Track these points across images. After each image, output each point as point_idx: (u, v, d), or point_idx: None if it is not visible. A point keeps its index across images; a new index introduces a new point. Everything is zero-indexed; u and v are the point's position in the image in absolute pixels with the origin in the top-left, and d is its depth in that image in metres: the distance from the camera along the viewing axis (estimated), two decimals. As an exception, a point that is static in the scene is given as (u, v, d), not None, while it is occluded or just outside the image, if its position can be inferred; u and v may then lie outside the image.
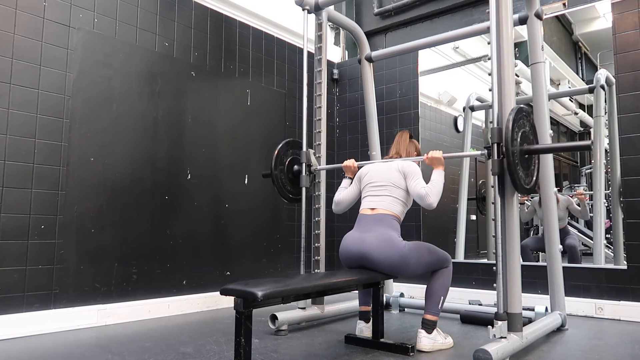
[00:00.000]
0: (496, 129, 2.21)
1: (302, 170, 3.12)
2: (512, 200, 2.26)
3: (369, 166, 2.71)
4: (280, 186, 3.12)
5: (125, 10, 3.21)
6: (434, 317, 2.39)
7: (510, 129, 2.13)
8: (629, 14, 3.29)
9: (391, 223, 2.44)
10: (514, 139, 2.14)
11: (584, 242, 4.03)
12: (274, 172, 3.08)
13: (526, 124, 2.26)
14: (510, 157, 2.11)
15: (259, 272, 3.92)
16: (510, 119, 2.14)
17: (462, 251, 4.24)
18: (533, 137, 2.30)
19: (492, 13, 2.36)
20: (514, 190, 2.24)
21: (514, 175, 2.13)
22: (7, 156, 2.63)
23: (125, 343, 2.50)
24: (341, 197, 2.75)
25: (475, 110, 4.48)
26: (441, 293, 2.42)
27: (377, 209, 2.50)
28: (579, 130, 4.22)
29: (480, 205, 4.46)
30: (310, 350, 2.41)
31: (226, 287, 1.89)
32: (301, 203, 3.13)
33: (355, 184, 2.73)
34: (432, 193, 2.39)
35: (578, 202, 3.90)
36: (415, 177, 2.47)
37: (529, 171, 2.27)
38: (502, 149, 2.18)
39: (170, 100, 3.41)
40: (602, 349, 2.43)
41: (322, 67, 3.31)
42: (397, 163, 2.57)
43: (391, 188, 2.51)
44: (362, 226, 2.49)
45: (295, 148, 3.23)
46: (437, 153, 2.51)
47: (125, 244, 3.09)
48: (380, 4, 4.75)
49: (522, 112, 2.23)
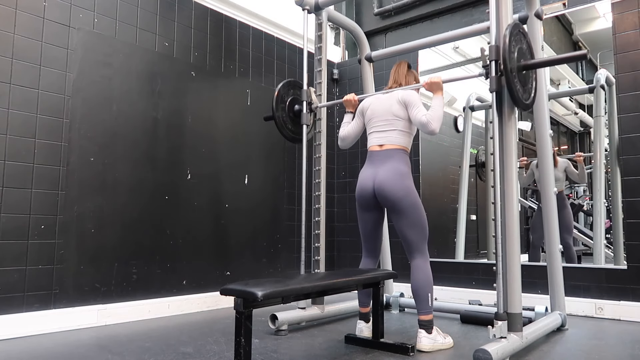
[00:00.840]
0: (494, 46, 2.24)
1: (303, 107, 3.13)
2: (510, 117, 2.29)
3: (370, 99, 2.74)
4: (281, 124, 3.13)
5: (125, 10, 3.21)
6: (427, 316, 2.39)
7: (508, 44, 2.14)
8: (629, 14, 3.29)
9: (401, 157, 2.53)
10: (511, 52, 2.16)
11: (583, 242, 4.04)
12: (275, 113, 3.09)
13: (523, 41, 2.28)
14: (508, 73, 2.13)
15: (259, 272, 3.92)
16: (507, 34, 2.16)
17: (462, 251, 4.24)
18: (530, 55, 2.32)
19: (492, 13, 2.37)
20: (512, 105, 2.27)
21: (512, 90, 2.15)
22: (7, 156, 2.63)
23: (125, 343, 2.50)
24: (346, 133, 2.79)
25: (475, 110, 4.48)
26: (427, 290, 2.42)
27: (385, 145, 2.56)
28: (579, 130, 4.22)
29: (479, 171, 4.47)
30: (310, 350, 2.41)
31: (226, 287, 1.89)
32: (301, 202, 3.13)
33: (358, 118, 2.76)
34: (433, 119, 2.42)
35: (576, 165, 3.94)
36: (416, 105, 2.51)
37: (527, 87, 2.30)
38: (500, 67, 2.19)
39: (170, 100, 3.41)
40: (602, 349, 2.43)
41: (322, 67, 3.31)
42: (398, 93, 2.60)
43: (395, 121, 2.56)
44: (373, 162, 2.57)
45: (296, 88, 3.24)
46: (436, 78, 2.54)
47: (125, 244, 3.09)
48: (380, 4, 4.75)
49: (519, 28, 2.26)
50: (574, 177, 4.00)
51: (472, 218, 4.41)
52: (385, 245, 3.67)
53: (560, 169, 4.00)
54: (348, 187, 4.73)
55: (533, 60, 2.31)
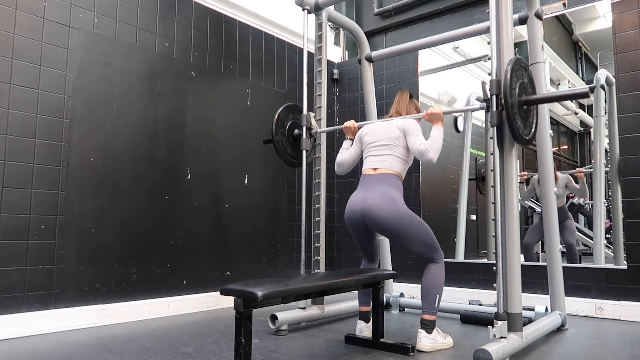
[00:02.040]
0: (495, 80, 2.22)
1: (303, 133, 3.13)
2: (511, 152, 2.27)
3: (369, 126, 2.73)
4: (281, 150, 3.12)
5: (125, 10, 3.21)
6: (431, 316, 2.39)
7: (509, 80, 2.13)
8: (629, 14, 3.29)
9: (394, 182, 2.48)
10: (512, 88, 2.15)
11: (584, 242, 4.03)
12: (274, 137, 3.08)
13: (524, 76, 2.27)
14: (509, 108, 2.11)
15: (259, 272, 3.92)
16: (509, 70, 2.14)
17: (462, 251, 4.24)
18: (531, 90, 2.31)
19: (492, 13, 2.36)
20: (513, 141, 2.25)
21: (513, 125, 2.13)
22: (7, 156, 2.63)
23: (125, 343, 2.50)
24: (343, 159, 2.77)
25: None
26: (436, 291, 2.42)
27: (379, 169, 2.53)
28: (579, 130, 4.22)
29: (480, 184, 4.46)
30: (310, 350, 2.41)
31: (226, 287, 1.89)
32: (301, 207, 3.13)
33: (356, 144, 2.75)
34: (432, 149, 2.40)
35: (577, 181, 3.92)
36: (415, 133, 2.49)
37: (528, 122, 2.28)
38: (500, 101, 2.18)
39: (170, 100, 3.41)
40: (602, 349, 2.43)
41: (322, 67, 3.31)
42: (397, 121, 2.59)
43: (392, 147, 2.54)
44: (365, 185, 2.52)
45: (296, 112, 3.24)
46: (436, 109, 2.52)
47: (125, 244, 3.09)
48: (380, 4, 4.75)
49: (521, 63, 2.24)
50: (575, 192, 3.96)
51: (472, 218, 4.41)
52: (385, 245, 3.67)
53: (561, 185, 3.94)
54: (348, 187, 4.73)
55: (534, 96, 2.28)
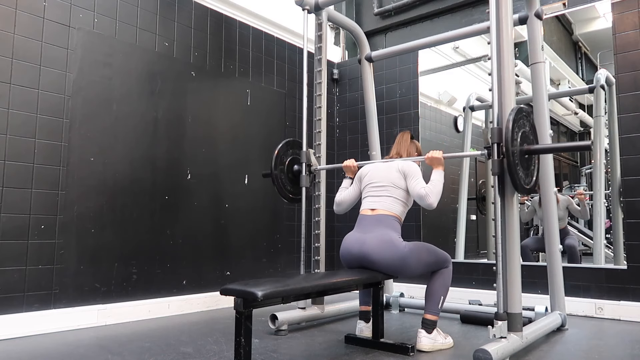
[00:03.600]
0: (496, 129, 2.21)
1: (302, 170, 3.12)
2: (512, 201, 2.26)
3: (369, 166, 2.71)
4: (280, 186, 3.12)
5: (125, 10, 3.21)
6: (434, 316, 2.39)
7: (511, 129, 2.13)
8: (629, 14, 3.29)
9: (391, 224, 2.45)
10: (514, 139, 2.14)
11: (584, 242, 4.03)
12: (274, 172, 3.09)
13: (526, 124, 2.26)
14: (510, 157, 2.11)
15: (259, 272, 3.92)
16: (511, 119, 2.14)
17: (462, 251, 4.23)
18: (533, 137, 2.30)
19: (492, 13, 2.36)
20: (514, 190, 2.24)
21: (514, 175, 2.13)
22: (7, 156, 2.63)
23: (125, 343, 2.50)
24: (342, 198, 2.75)
25: (475, 110, 4.47)
26: (441, 293, 2.42)
27: (377, 210, 2.49)
28: (579, 130, 4.22)
29: (480, 205, 4.46)
30: (310, 350, 2.41)
31: (226, 287, 1.89)
32: (301, 203, 3.13)
33: (355, 184, 2.73)
34: (432, 193, 2.39)
35: (578, 202, 3.91)
36: (415, 177, 2.47)
37: (529, 171, 2.27)
38: (502, 149, 2.18)
39: (170, 100, 3.41)
40: (602, 349, 2.43)
41: (322, 67, 3.31)
42: (397, 163, 2.57)
43: (391, 188, 2.51)
44: (362, 227, 2.49)
45: (295, 148, 3.24)
46: (437, 153, 2.50)
47: (125, 244, 3.09)
48: (380, 4, 4.75)
49: (522, 112, 2.23)
50: (576, 214, 3.94)
51: (472, 218, 4.41)
52: (385, 245, 3.67)
53: (562, 207, 3.92)
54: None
55: (536, 146, 2.27)
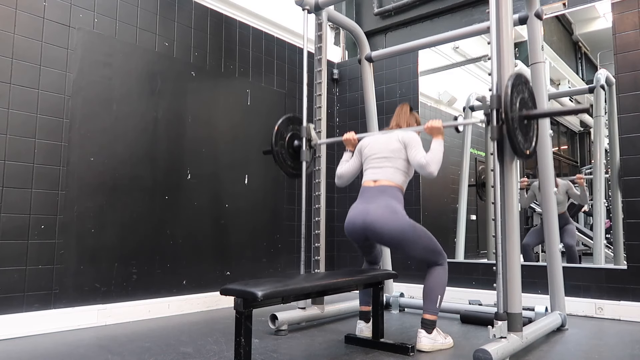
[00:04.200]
0: (495, 95, 2.23)
1: (303, 144, 3.13)
2: (511, 167, 2.27)
3: (369, 138, 2.73)
4: (280, 161, 3.13)
5: (125, 10, 3.21)
6: (432, 316, 2.40)
7: (510, 95, 2.14)
8: (629, 14, 3.29)
9: (394, 194, 2.47)
10: (512, 104, 2.15)
11: (584, 242, 4.03)
12: (274, 148, 3.09)
13: (525, 91, 2.27)
14: (509, 123, 2.12)
15: (259, 272, 3.92)
16: (509, 85, 2.15)
17: (462, 251, 4.24)
18: (532, 104, 2.32)
19: (492, 13, 2.37)
20: (513, 155, 2.26)
21: (513, 140, 2.14)
22: (7, 156, 2.63)
23: (125, 343, 2.50)
24: (343, 171, 2.77)
25: (475, 110, 4.47)
26: (438, 292, 2.42)
27: (379, 181, 2.52)
28: (579, 130, 4.22)
29: (480, 191, 4.46)
30: (310, 350, 2.41)
31: (226, 287, 1.89)
32: (301, 207, 3.13)
33: (356, 157, 2.74)
34: (433, 162, 2.40)
35: (577, 187, 3.92)
36: (415, 146, 2.49)
37: (528, 137, 2.29)
38: (501, 115, 2.19)
39: (170, 100, 3.41)
40: (602, 349, 2.43)
41: (322, 67, 3.31)
42: (397, 133, 2.58)
43: (392, 159, 2.53)
44: (365, 198, 2.51)
45: (296, 124, 3.24)
46: (436, 122, 2.52)
47: (125, 244, 3.09)
48: (380, 4, 4.75)
49: (521, 78, 2.25)
50: (575, 199, 3.97)
51: (472, 218, 4.41)
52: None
53: (562, 191, 3.95)
54: (348, 187, 4.71)
55: (535, 111, 2.28)
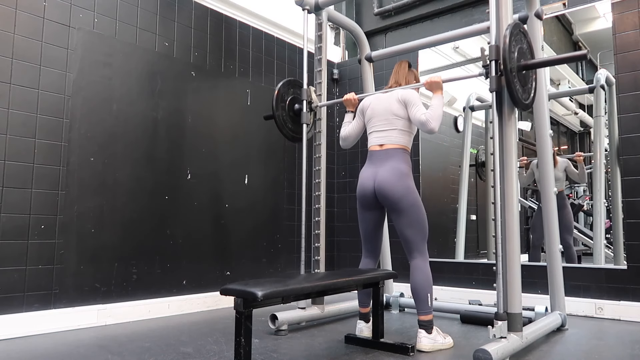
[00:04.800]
0: (494, 46, 2.24)
1: (303, 107, 3.14)
2: (510, 117, 2.29)
3: (369, 98, 2.75)
4: (281, 124, 3.13)
5: (125, 10, 3.21)
6: (427, 316, 2.39)
7: (508, 44, 2.14)
8: (629, 14, 3.29)
9: (401, 156, 2.53)
10: (511, 51, 2.15)
11: (583, 242, 4.04)
12: (275, 112, 3.09)
13: (523, 41, 2.28)
14: (508, 73, 2.12)
15: (259, 272, 3.92)
16: (507, 34, 2.15)
17: (462, 251, 4.24)
18: (530, 55, 2.32)
19: (492, 13, 2.37)
20: (512, 106, 2.27)
21: (512, 90, 2.15)
22: (7, 156, 2.63)
23: (125, 343, 2.50)
24: (347, 133, 2.80)
25: (475, 110, 4.48)
26: (426, 290, 2.42)
27: (385, 145, 2.57)
28: (579, 130, 4.22)
29: (479, 170, 4.47)
30: (310, 350, 2.41)
31: (226, 287, 1.89)
32: (301, 203, 3.13)
33: (358, 118, 2.77)
34: (433, 118, 2.42)
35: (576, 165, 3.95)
36: (415, 104, 2.52)
37: (527, 87, 2.29)
38: (499, 66, 2.19)
39: (170, 100, 3.41)
40: (602, 349, 2.43)
41: (322, 67, 3.31)
42: (397, 92, 2.61)
43: (395, 120, 2.57)
44: (374, 162, 2.58)
45: (296, 87, 3.24)
46: (435, 77, 2.56)
47: (125, 244, 3.09)
48: (380, 4, 4.75)
49: (519, 27, 2.25)
50: (574, 176, 4.00)
51: (472, 218, 4.41)
52: (385, 245, 3.67)
53: (560, 169, 4.00)
54: (348, 187, 4.72)
55: (533, 60, 2.30)
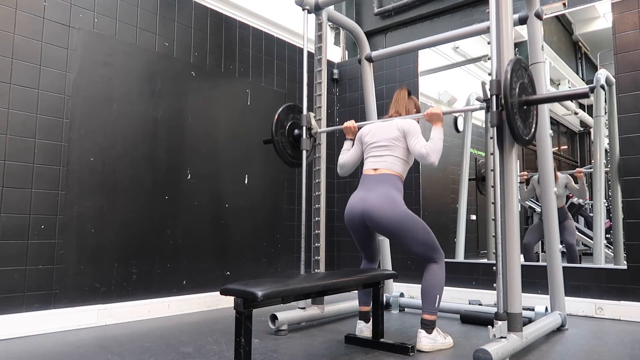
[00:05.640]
0: (495, 81, 2.22)
1: (303, 133, 3.13)
2: (511, 153, 2.27)
3: (369, 126, 2.73)
4: (281, 150, 3.13)
5: (125, 10, 3.21)
6: (431, 316, 2.39)
7: (509, 80, 2.13)
8: (629, 14, 3.29)
9: (394, 182, 2.47)
10: (512, 88, 2.15)
11: (583, 242, 4.03)
12: (274, 137, 3.09)
13: (524, 76, 2.27)
14: (509, 108, 2.11)
15: (259, 272, 3.92)
16: (509, 70, 2.14)
17: (462, 251, 4.23)
18: (531, 90, 2.31)
19: (492, 13, 2.37)
20: (513, 141, 2.25)
21: (512, 125, 2.13)
22: (7, 156, 2.63)
23: (125, 343, 2.50)
24: (345, 160, 2.78)
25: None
26: (436, 291, 2.42)
27: (379, 169, 2.53)
28: (579, 130, 4.22)
29: (479, 184, 4.46)
30: (310, 350, 2.41)
31: (226, 287, 1.89)
32: (301, 206, 3.13)
33: (357, 145, 2.75)
34: (433, 152, 2.40)
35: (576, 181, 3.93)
36: (415, 135, 2.48)
37: (527, 122, 2.28)
38: (500, 101, 2.18)
39: (170, 100, 3.41)
40: (602, 349, 2.43)
41: (322, 67, 3.31)
42: (397, 121, 2.58)
43: (392, 147, 2.53)
44: (365, 186, 2.52)
45: (296, 113, 3.24)
46: (436, 109, 2.51)
47: (125, 244, 3.09)
48: (380, 4, 4.75)
49: (521, 63, 2.24)
50: (574, 192, 3.97)
51: (472, 218, 4.41)
52: (385, 245, 3.67)
53: (561, 185, 3.95)
54: (348, 187, 4.72)
55: (534, 96, 2.28)
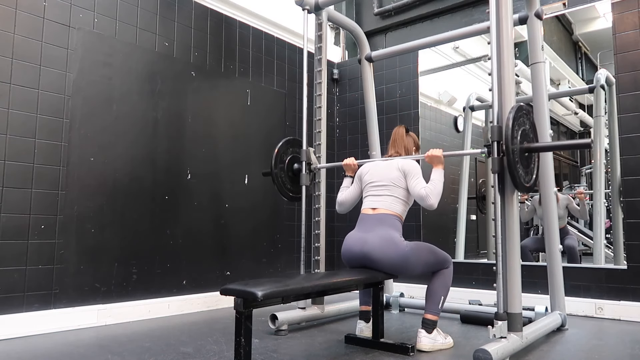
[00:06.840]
0: (496, 127, 2.21)
1: (302, 168, 3.12)
2: (512, 199, 2.26)
3: (369, 165, 2.71)
4: (280, 184, 3.13)
5: (125, 10, 3.21)
6: (434, 316, 2.40)
7: (511, 127, 2.13)
8: (629, 14, 3.29)
9: (393, 223, 2.44)
10: (514, 137, 2.14)
11: (583, 242, 4.03)
12: (274, 171, 3.09)
13: (526, 122, 2.26)
14: (510, 155, 2.11)
15: (259, 272, 3.92)
16: (511, 117, 2.14)
17: (462, 251, 4.23)
18: (533, 136, 2.30)
19: (492, 13, 2.36)
20: (514, 188, 2.24)
21: (514, 173, 2.13)
22: (7, 156, 2.63)
23: (125, 343, 2.50)
24: (344, 198, 2.75)
25: (475, 110, 4.48)
26: (441, 293, 2.42)
27: (378, 209, 2.49)
28: (579, 130, 4.22)
29: (480, 204, 4.46)
30: (310, 350, 2.41)
31: (226, 287, 1.89)
32: (301, 202, 3.13)
33: (356, 183, 2.73)
34: (433, 194, 2.38)
35: (578, 202, 3.91)
36: (415, 176, 2.47)
37: (529, 169, 2.27)
38: (502, 147, 2.18)
39: (170, 100, 3.41)
40: (602, 349, 2.43)
41: (322, 67, 3.31)
42: (397, 161, 2.57)
43: (392, 187, 2.51)
44: (363, 226, 2.49)
45: (295, 146, 3.24)
46: (436, 152, 2.50)
47: (125, 244, 3.09)
48: (380, 4, 4.75)
49: (522, 110, 2.24)
50: (575, 213, 3.95)
51: (472, 218, 4.40)
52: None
53: (562, 206, 3.92)
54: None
55: (536, 144, 2.27)
